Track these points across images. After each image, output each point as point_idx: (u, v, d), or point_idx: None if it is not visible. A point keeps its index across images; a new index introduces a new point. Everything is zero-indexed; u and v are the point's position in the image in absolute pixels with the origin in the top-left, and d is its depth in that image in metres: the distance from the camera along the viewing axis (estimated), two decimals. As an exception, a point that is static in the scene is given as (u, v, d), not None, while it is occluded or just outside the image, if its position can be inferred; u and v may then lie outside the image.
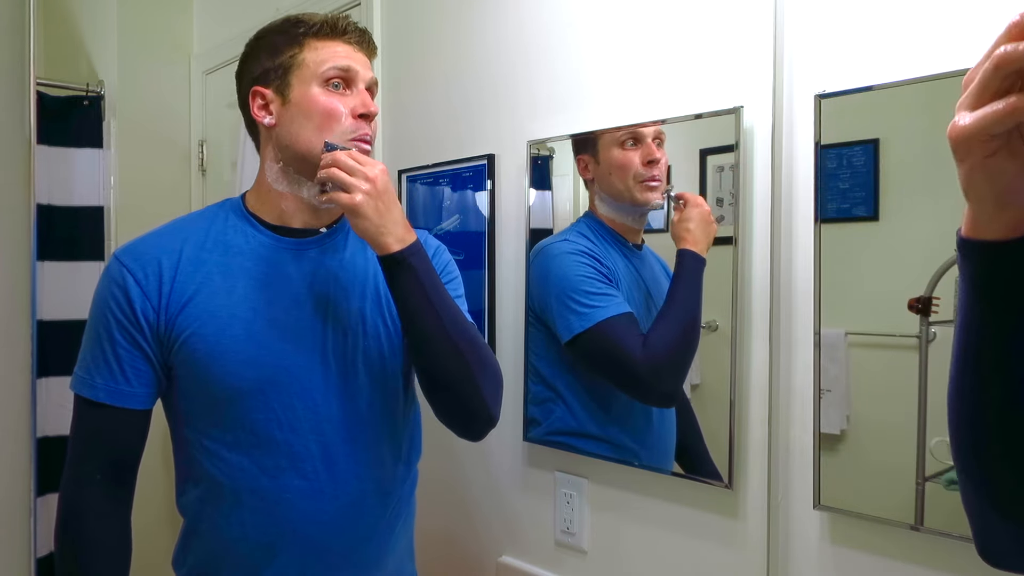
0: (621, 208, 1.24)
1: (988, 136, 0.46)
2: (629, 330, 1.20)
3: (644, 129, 1.18)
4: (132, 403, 0.96)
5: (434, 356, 0.96)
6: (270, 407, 0.96)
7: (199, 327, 0.94)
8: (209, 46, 2.30)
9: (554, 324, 1.29)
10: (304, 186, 1.00)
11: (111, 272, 0.96)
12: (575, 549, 1.33)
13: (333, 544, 0.99)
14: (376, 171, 0.91)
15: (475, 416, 1.00)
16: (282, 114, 0.97)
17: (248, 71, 1.01)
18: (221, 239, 1.00)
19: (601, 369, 1.26)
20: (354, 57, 0.98)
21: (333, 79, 0.96)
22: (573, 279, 1.25)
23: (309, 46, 0.97)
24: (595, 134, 1.24)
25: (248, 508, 0.97)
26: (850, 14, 0.98)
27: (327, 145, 0.94)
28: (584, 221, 1.28)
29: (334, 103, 0.96)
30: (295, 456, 0.97)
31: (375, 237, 0.91)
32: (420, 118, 1.62)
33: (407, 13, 1.65)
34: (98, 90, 2.18)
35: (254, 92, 0.99)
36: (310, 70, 0.96)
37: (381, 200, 0.91)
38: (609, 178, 1.23)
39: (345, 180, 0.90)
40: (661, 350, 1.17)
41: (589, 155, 1.26)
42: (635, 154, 1.19)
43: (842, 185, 0.96)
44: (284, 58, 0.97)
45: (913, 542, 0.92)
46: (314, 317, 0.99)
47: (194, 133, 2.37)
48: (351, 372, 1.00)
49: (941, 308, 0.89)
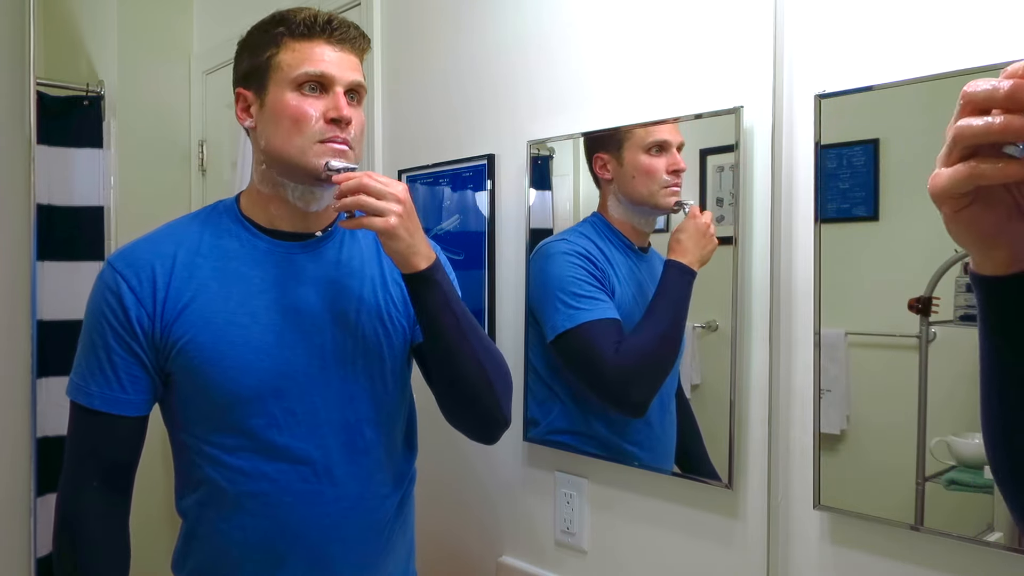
0: (638, 211, 1.23)
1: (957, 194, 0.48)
2: (607, 335, 1.20)
3: (671, 137, 1.16)
4: (128, 410, 0.95)
5: (458, 367, 0.98)
6: (269, 412, 0.95)
7: (196, 334, 0.94)
8: (209, 46, 2.29)
9: (543, 323, 1.29)
10: (287, 188, 0.98)
11: (105, 279, 0.96)
12: (575, 549, 1.33)
13: (334, 546, 0.99)
14: (401, 190, 0.92)
15: (492, 420, 1.02)
16: (259, 117, 0.97)
17: (235, 71, 1.01)
18: (216, 243, 0.99)
19: (576, 371, 1.27)
20: (332, 60, 0.95)
21: (306, 83, 0.93)
22: (564, 279, 1.25)
23: (286, 47, 0.95)
24: (619, 134, 1.22)
25: (249, 512, 0.97)
26: (850, 14, 0.98)
27: (329, 167, 0.92)
28: (590, 221, 1.28)
29: (304, 107, 0.93)
30: (295, 460, 0.97)
31: (407, 257, 0.92)
32: (420, 118, 1.62)
33: (407, 13, 1.65)
34: (98, 90, 2.18)
35: (238, 94, 0.99)
36: (283, 73, 0.94)
37: (412, 220, 0.92)
38: (632, 182, 1.21)
39: (376, 206, 0.89)
40: (632, 358, 1.17)
41: (610, 155, 1.23)
42: (661, 161, 1.17)
43: (842, 185, 0.96)
44: (263, 59, 0.96)
45: (913, 542, 0.92)
46: (312, 321, 0.98)
47: (194, 133, 2.36)
48: (350, 375, 1.00)
49: (941, 308, 0.89)
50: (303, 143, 0.93)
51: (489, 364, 0.99)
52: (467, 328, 0.97)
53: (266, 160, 0.98)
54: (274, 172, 0.98)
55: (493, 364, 1.00)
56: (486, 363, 0.98)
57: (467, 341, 0.97)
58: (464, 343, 0.96)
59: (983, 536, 0.86)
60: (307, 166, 0.93)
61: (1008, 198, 0.50)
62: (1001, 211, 0.50)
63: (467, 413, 1.04)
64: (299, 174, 0.95)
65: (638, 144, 1.20)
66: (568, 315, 1.23)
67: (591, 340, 1.21)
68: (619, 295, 1.23)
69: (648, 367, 1.18)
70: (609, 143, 1.24)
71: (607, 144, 1.24)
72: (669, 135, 1.16)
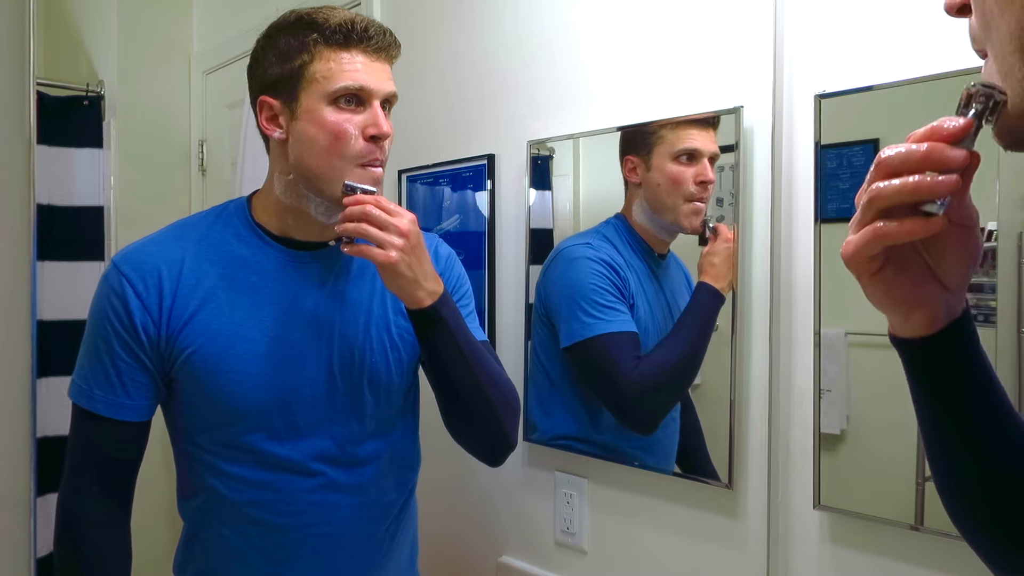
0: (660, 224, 1.20)
1: (866, 258, 0.50)
2: (625, 349, 1.18)
3: (702, 146, 1.12)
4: (131, 415, 0.94)
5: (464, 401, 0.98)
6: (272, 426, 0.95)
7: (202, 344, 0.92)
8: (209, 46, 2.29)
9: (559, 327, 1.28)
10: (312, 202, 0.95)
11: (110, 281, 0.93)
12: (575, 549, 1.33)
13: (336, 557, 0.99)
14: (407, 223, 0.88)
15: (497, 446, 1.03)
16: (291, 128, 0.92)
17: (257, 74, 0.95)
18: (225, 249, 0.96)
19: (591, 382, 1.26)
20: (370, 70, 0.91)
21: (343, 96, 0.90)
22: (586, 287, 1.23)
23: (320, 55, 0.89)
24: (652, 138, 1.17)
25: (251, 520, 0.96)
26: (850, 14, 0.98)
27: (346, 187, 0.90)
28: (613, 224, 1.24)
29: (343, 125, 0.89)
30: (298, 471, 0.96)
31: (409, 293, 0.90)
32: (420, 118, 1.62)
33: (407, 13, 1.65)
34: (98, 90, 2.18)
35: (262, 102, 0.94)
36: (319, 85, 0.89)
37: (415, 255, 0.88)
38: (658, 189, 1.17)
39: (378, 237, 0.87)
40: (652, 376, 1.16)
41: (640, 158, 1.19)
42: (689, 170, 1.13)
43: (842, 185, 0.96)
44: (293, 66, 0.90)
45: (913, 542, 0.92)
46: (320, 335, 0.97)
47: (194, 133, 2.36)
48: (357, 390, 0.99)
49: (941, 308, 0.88)
50: (343, 164, 0.90)
51: (496, 397, 0.98)
52: (473, 363, 0.95)
53: (295, 173, 0.93)
54: (301, 186, 0.94)
55: (500, 396, 0.99)
56: (493, 397, 0.97)
57: (473, 377, 0.95)
58: (470, 379, 0.95)
59: (983, 536, 0.86)
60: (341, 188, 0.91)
61: (919, 260, 0.52)
62: (915, 273, 0.52)
63: (470, 441, 1.04)
64: (330, 193, 0.92)
65: (668, 150, 1.15)
66: (587, 324, 1.22)
67: (609, 352, 1.20)
68: (637, 303, 1.22)
69: (666, 386, 1.17)
70: (640, 146, 1.19)
71: (638, 146, 1.20)
72: (701, 144, 1.11)
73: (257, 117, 0.96)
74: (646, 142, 1.18)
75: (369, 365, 0.99)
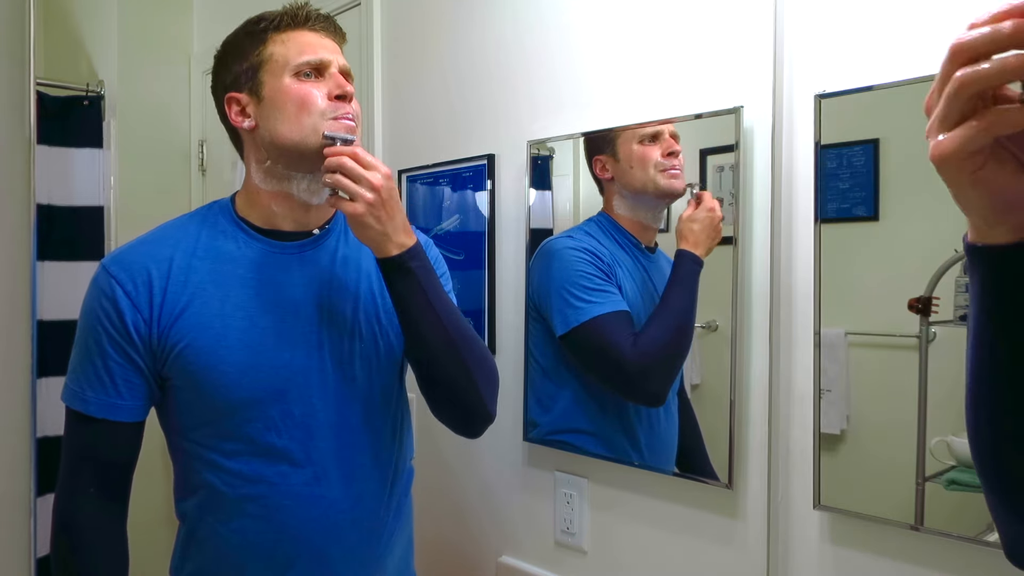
0: (642, 201, 1.22)
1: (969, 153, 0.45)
2: (621, 328, 1.19)
3: (660, 127, 1.17)
4: (125, 416, 0.95)
5: (434, 357, 0.96)
6: (268, 415, 0.95)
7: (193, 339, 0.93)
8: (209, 46, 2.27)
9: (551, 318, 1.29)
10: (295, 181, 0.97)
11: (99, 283, 0.94)
12: (575, 549, 1.33)
13: (334, 548, 0.99)
14: (380, 178, 0.90)
15: (473, 414, 1.01)
16: (259, 113, 0.95)
17: (220, 81, 1.00)
18: (212, 245, 0.98)
19: (591, 365, 1.27)
20: (322, 45, 0.96)
21: (303, 70, 0.94)
22: (572, 274, 1.25)
23: (274, 41, 0.95)
24: (612, 134, 1.23)
25: (248, 516, 0.96)
26: (850, 14, 0.98)
27: (326, 136, 0.92)
28: (595, 220, 1.27)
29: (307, 89, 0.93)
30: (294, 462, 0.96)
31: (378, 244, 0.92)
32: (420, 118, 1.62)
33: (407, 13, 1.65)
34: (98, 90, 2.18)
35: (229, 99, 0.97)
36: (278, 63, 0.94)
37: (384, 209, 0.90)
38: (630, 172, 1.22)
39: (350, 188, 0.89)
40: (651, 350, 1.17)
41: (607, 155, 1.24)
42: (655, 148, 1.18)
43: (842, 185, 0.96)
44: (252, 58, 0.96)
45: (913, 542, 0.92)
46: (310, 322, 0.98)
47: (194, 133, 2.36)
48: (348, 376, 0.99)
49: (941, 308, 0.89)
50: (314, 122, 0.93)
51: (469, 357, 0.97)
52: (446, 319, 0.95)
53: (271, 155, 0.96)
54: (280, 166, 0.96)
55: (474, 358, 0.98)
56: (466, 356, 0.96)
57: (445, 332, 0.94)
58: (441, 333, 0.94)
59: (983, 536, 0.86)
60: (319, 144, 0.93)
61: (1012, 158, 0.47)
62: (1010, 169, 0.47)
63: (445, 406, 1.02)
64: (309, 158, 0.94)
65: (630, 139, 1.21)
66: (580, 309, 1.23)
67: (606, 334, 1.20)
68: (626, 293, 1.23)
69: (667, 357, 1.17)
70: (604, 144, 1.25)
71: (603, 145, 1.25)
72: (658, 125, 1.18)
73: (227, 119, 0.99)
74: (609, 137, 1.24)
75: (360, 350, 1.00)
